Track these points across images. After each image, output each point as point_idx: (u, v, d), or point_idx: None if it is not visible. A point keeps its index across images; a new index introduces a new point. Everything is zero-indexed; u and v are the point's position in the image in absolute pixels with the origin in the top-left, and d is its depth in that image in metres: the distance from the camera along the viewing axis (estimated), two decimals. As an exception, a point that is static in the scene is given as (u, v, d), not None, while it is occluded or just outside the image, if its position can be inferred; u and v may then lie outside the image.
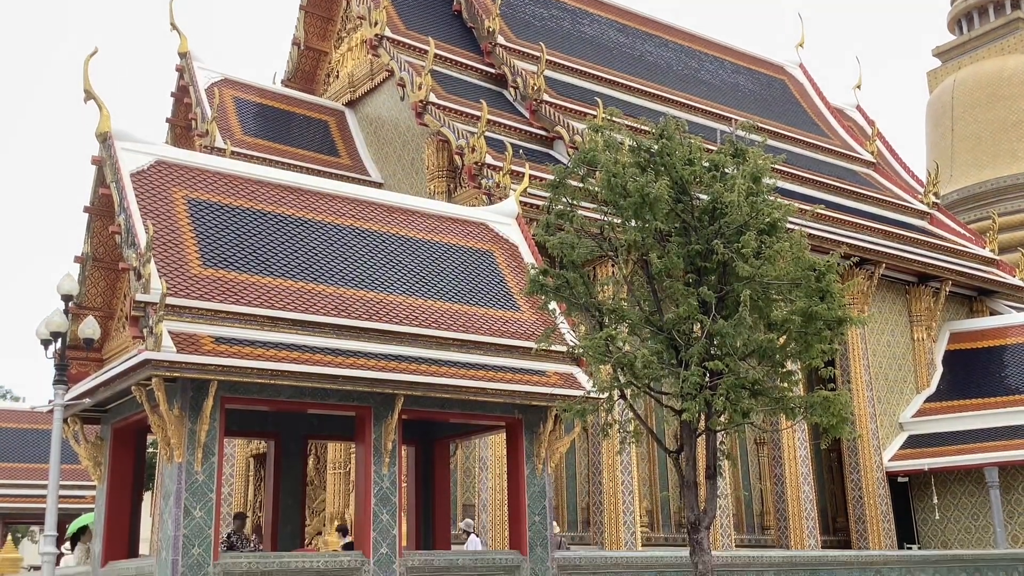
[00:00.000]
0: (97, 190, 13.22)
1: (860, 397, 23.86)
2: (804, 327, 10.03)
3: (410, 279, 14.14)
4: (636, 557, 14.87)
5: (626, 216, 10.64)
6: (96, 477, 13.34)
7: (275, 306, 12.21)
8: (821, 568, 16.65)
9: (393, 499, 12.40)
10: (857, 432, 10.91)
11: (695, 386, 9.73)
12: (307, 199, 14.32)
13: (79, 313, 12.44)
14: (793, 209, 10.87)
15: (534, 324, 14.65)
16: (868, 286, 24.69)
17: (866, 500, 23.45)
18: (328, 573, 11.84)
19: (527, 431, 13.72)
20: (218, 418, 11.44)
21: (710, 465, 10.68)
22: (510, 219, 16.61)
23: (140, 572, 11.73)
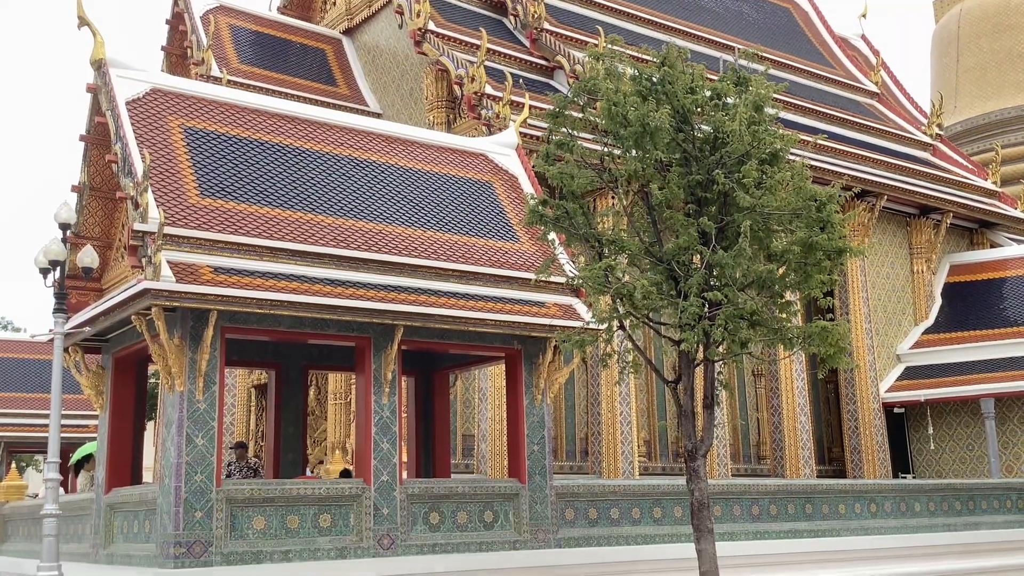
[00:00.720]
0: (93, 118, 13.10)
1: (858, 329, 23.95)
2: (804, 258, 10.02)
3: (409, 210, 14.09)
4: (633, 485, 15.06)
5: (627, 146, 10.55)
6: (98, 406, 13.45)
7: (274, 236, 12.19)
8: (816, 496, 16.87)
9: (393, 428, 12.52)
10: (854, 363, 10.96)
11: (694, 317, 9.75)
12: (305, 129, 14.20)
13: (77, 243, 12.41)
14: (795, 139, 10.78)
15: (533, 255, 14.63)
16: (869, 218, 24.62)
17: (862, 431, 23.68)
18: (330, 500, 12.00)
19: (526, 362, 13.79)
20: (218, 348, 11.49)
21: (708, 395, 10.76)
22: (510, 150, 16.50)
23: (144, 498, 11.89)
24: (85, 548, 13.27)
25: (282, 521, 11.64)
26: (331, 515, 11.96)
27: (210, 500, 11.17)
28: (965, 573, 18.17)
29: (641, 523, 14.61)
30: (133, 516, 12.17)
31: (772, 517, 16.17)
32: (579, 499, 14.10)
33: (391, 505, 12.31)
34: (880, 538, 17.27)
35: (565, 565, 13.49)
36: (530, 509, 13.40)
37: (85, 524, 13.54)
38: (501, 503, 13.28)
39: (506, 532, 13.21)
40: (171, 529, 10.92)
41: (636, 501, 14.70)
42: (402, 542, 12.33)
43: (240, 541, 11.33)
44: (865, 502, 17.51)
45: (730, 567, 13.09)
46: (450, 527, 12.79)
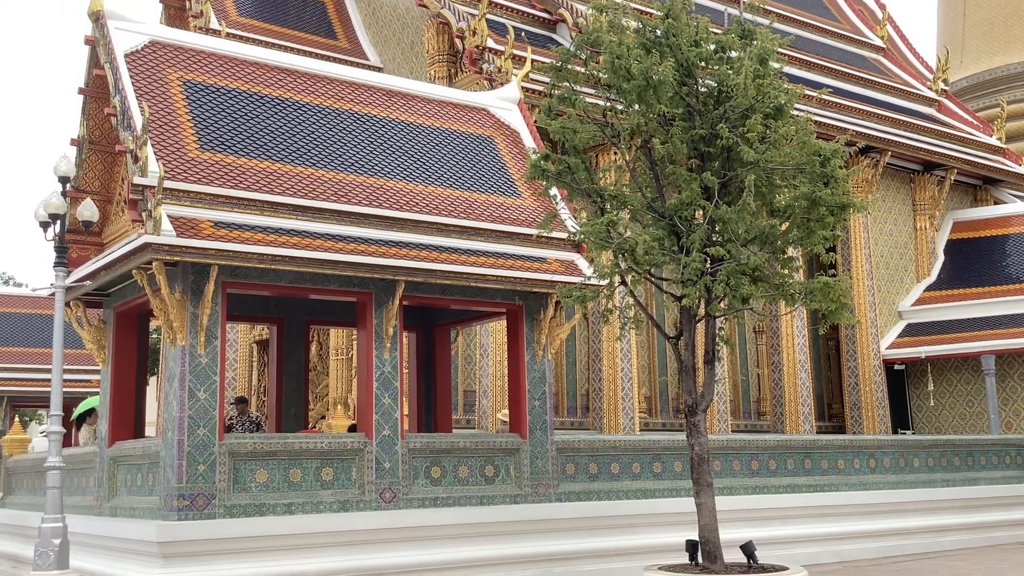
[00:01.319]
0: (91, 71, 12.98)
1: (860, 285, 23.94)
2: (807, 213, 9.96)
3: (410, 165, 14.01)
4: (634, 440, 15.14)
5: (630, 100, 10.45)
6: (100, 360, 13.48)
7: (274, 191, 12.13)
8: (815, 451, 16.96)
9: (395, 383, 12.55)
10: (856, 319, 10.95)
11: (696, 272, 9.73)
12: (305, 82, 14.08)
13: (77, 196, 12.36)
14: (800, 93, 10.67)
15: (535, 211, 14.58)
16: (873, 174, 24.50)
17: (862, 387, 23.76)
18: (332, 454, 12.07)
19: (528, 318, 13.80)
20: (219, 302, 11.49)
21: (708, 351, 10.76)
22: (512, 104, 16.37)
23: (147, 452, 11.96)
24: (89, 501, 13.38)
25: (284, 474, 11.72)
26: (333, 469, 12.04)
27: (213, 454, 11.24)
28: (963, 528, 18.34)
29: (641, 478, 14.71)
30: (136, 469, 12.24)
31: (771, 472, 16.27)
32: (580, 454, 14.19)
33: (393, 459, 12.39)
34: (879, 493, 17.39)
35: (565, 519, 13.60)
36: (531, 464, 13.48)
37: (89, 477, 13.63)
38: (502, 458, 13.36)
39: (507, 486, 13.30)
40: (174, 482, 10.99)
41: (636, 456, 14.79)
42: (404, 496, 12.42)
43: (243, 494, 11.41)
44: (864, 457, 17.61)
45: (729, 521, 13.20)
46: (451, 481, 12.88)
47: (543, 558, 13.27)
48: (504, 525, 13.06)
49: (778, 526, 15.69)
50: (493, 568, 12.83)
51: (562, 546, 13.48)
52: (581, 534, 13.73)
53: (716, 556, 9.94)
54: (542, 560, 13.25)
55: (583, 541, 13.70)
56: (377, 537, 12.08)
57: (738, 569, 9.94)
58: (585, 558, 13.64)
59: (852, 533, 16.69)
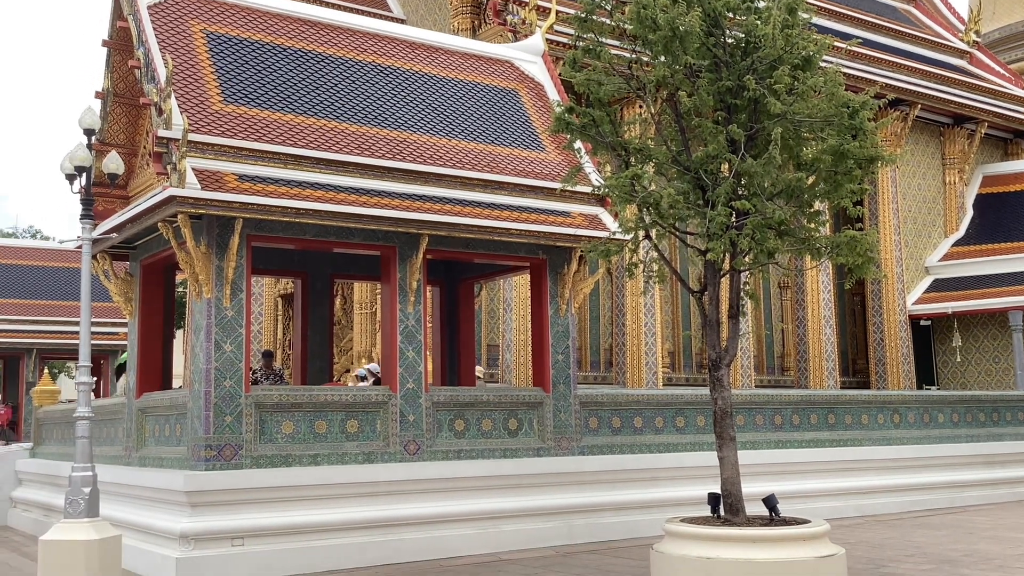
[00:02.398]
0: (115, 23, 12.96)
1: (887, 240, 23.73)
2: (834, 166, 9.81)
3: (434, 118, 13.94)
4: (657, 395, 15.17)
5: (655, 51, 10.28)
6: (127, 312, 13.61)
7: (298, 144, 12.12)
8: (839, 406, 16.94)
9: (418, 337, 12.60)
10: (882, 274, 10.82)
11: (721, 226, 9.63)
12: (328, 34, 14.00)
13: (102, 149, 12.39)
14: (828, 44, 10.48)
15: (559, 165, 14.49)
16: (902, 128, 24.16)
17: (887, 343, 23.64)
18: (356, 407, 12.17)
19: (551, 272, 13.78)
20: (244, 255, 11.54)
21: (733, 304, 10.69)
22: (536, 57, 16.22)
23: (174, 403, 12.10)
24: (118, 451, 13.58)
25: (310, 426, 11.84)
26: (358, 421, 12.15)
27: (239, 405, 11.36)
28: (987, 483, 18.31)
29: (664, 432, 14.76)
30: (164, 420, 12.40)
31: (794, 427, 16.28)
32: (603, 408, 14.24)
33: (417, 412, 12.48)
34: (902, 448, 17.38)
35: (588, 472, 13.69)
36: (554, 417, 13.54)
37: (117, 428, 13.83)
38: (525, 411, 13.43)
39: (530, 439, 13.38)
40: (202, 433, 11.13)
41: (659, 410, 14.82)
42: (428, 448, 12.53)
43: (269, 445, 11.55)
44: (888, 413, 17.58)
45: (752, 475, 13.24)
46: (475, 434, 12.97)
47: (565, 510, 13.38)
48: (527, 478, 13.17)
49: (801, 480, 15.74)
50: (516, 520, 12.96)
51: (584, 499, 13.58)
52: (603, 487, 13.83)
53: (738, 509, 9.95)
54: (564, 512, 13.37)
55: (605, 494, 13.80)
56: (401, 488, 12.22)
57: (760, 522, 9.96)
58: (607, 511, 13.75)
59: (875, 488, 16.71)
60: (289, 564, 11.21)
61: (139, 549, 11.37)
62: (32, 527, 16.12)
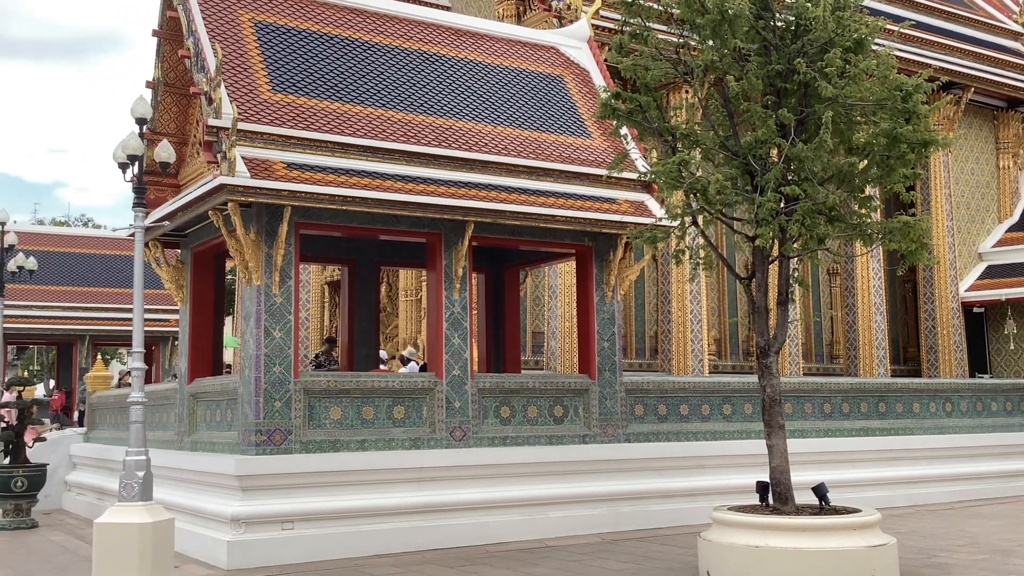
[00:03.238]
0: (165, 13, 13.11)
1: (939, 226, 23.31)
2: (887, 150, 9.65)
3: (479, 105, 13.94)
4: (704, 382, 15.07)
5: (703, 35, 10.19)
6: (179, 299, 13.80)
7: (345, 132, 12.18)
8: (889, 395, 16.72)
9: (464, 323, 12.63)
10: (935, 260, 10.64)
11: (770, 212, 9.53)
12: (374, 22, 14.04)
13: (154, 139, 12.56)
14: (880, 26, 10.30)
15: (605, 151, 14.43)
16: (955, 111, 23.70)
17: (939, 330, 23.26)
18: (403, 393, 12.25)
19: (597, 259, 13.74)
20: (293, 243, 11.64)
21: (782, 291, 10.58)
22: (581, 43, 16.14)
23: (225, 388, 12.26)
24: (170, 436, 13.80)
25: (358, 412, 11.93)
26: (404, 407, 12.22)
27: (288, 391, 11.48)
28: (1041, 473, 17.97)
29: (710, 419, 14.67)
30: (215, 405, 12.57)
31: (844, 415, 16.10)
32: (648, 395, 14.18)
33: (463, 399, 12.52)
34: (954, 437, 17.12)
35: (634, 459, 13.65)
36: (600, 404, 13.52)
37: (169, 413, 14.05)
38: (571, 398, 13.42)
39: (575, 426, 13.38)
40: (252, 418, 11.27)
41: (706, 398, 14.73)
42: (474, 434, 12.57)
43: (318, 430, 11.66)
44: (940, 401, 17.31)
45: (801, 463, 13.10)
46: (521, 421, 12.99)
47: (611, 497, 13.36)
48: (572, 465, 13.17)
49: (850, 469, 15.56)
50: (562, 506, 12.97)
51: (630, 486, 13.55)
52: (649, 474, 13.79)
53: (787, 498, 9.87)
54: (610, 499, 13.35)
55: (651, 481, 13.76)
56: (447, 474, 12.28)
57: (810, 511, 9.88)
58: (653, 498, 13.71)
59: (926, 477, 16.48)
60: (338, 548, 11.33)
61: (191, 532, 11.56)
62: (86, 510, 16.45)
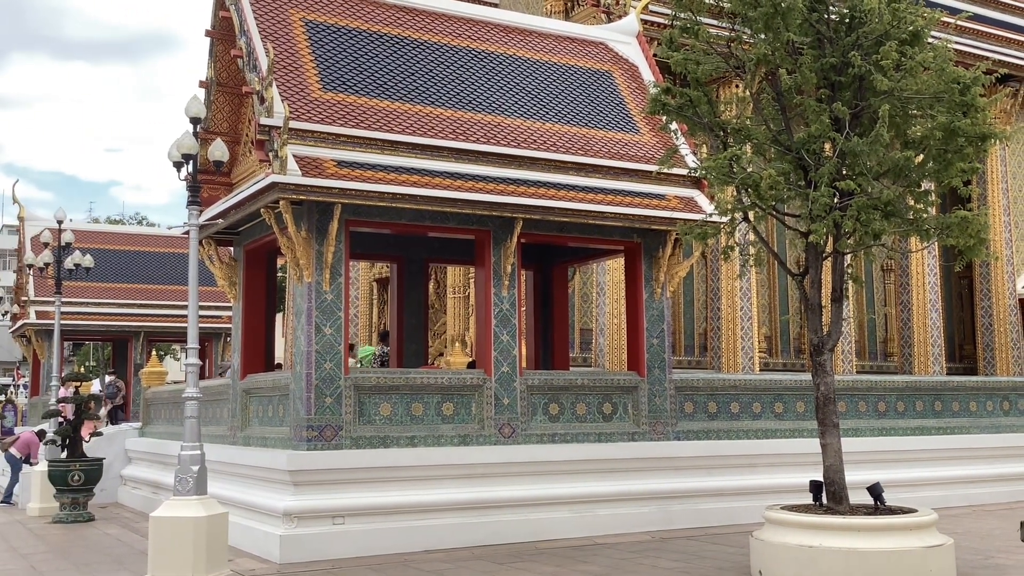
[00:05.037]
0: (217, 13, 13.25)
1: (996, 221, 22.84)
2: (944, 144, 9.47)
3: (528, 101, 13.92)
4: (755, 380, 14.91)
5: (756, 28, 10.07)
6: (231, 296, 13.96)
7: (394, 130, 12.23)
8: (945, 393, 16.42)
9: (513, 320, 12.63)
10: (993, 255, 10.41)
11: (824, 207, 9.39)
12: (423, 20, 14.08)
13: (207, 138, 12.70)
14: (937, 18, 10.10)
15: (654, 147, 14.33)
16: (1012, 104, 23.21)
17: (996, 327, 22.80)
18: (452, 389, 12.27)
19: (646, 255, 13.66)
20: (343, 240, 11.72)
21: (836, 288, 10.43)
22: (630, 37, 16.04)
23: (276, 384, 12.38)
24: (223, 431, 13.97)
25: (407, 408, 11.99)
26: (454, 404, 12.25)
27: (339, 387, 11.56)
28: (1103, 474, 17.53)
29: (762, 417, 14.51)
30: (267, 401, 12.71)
31: (899, 414, 15.85)
32: (698, 393, 14.07)
33: (511, 395, 12.52)
34: (1012, 436, 16.77)
35: (684, 457, 13.55)
36: (649, 402, 13.44)
37: (222, 408, 14.22)
38: (620, 395, 13.36)
39: (624, 424, 13.31)
40: (303, 413, 11.37)
41: (757, 395, 14.58)
42: (522, 431, 12.56)
43: (368, 426, 11.73)
44: (997, 400, 16.97)
45: (855, 463, 12.92)
46: (569, 418, 12.96)
47: (661, 495, 13.28)
48: (621, 462, 13.11)
49: (906, 468, 15.31)
50: (611, 504, 12.92)
51: (680, 484, 13.46)
52: (700, 472, 13.68)
53: (842, 497, 9.73)
54: (660, 497, 13.27)
55: (702, 480, 13.65)
56: (496, 471, 12.28)
57: (864, 511, 9.72)
58: (704, 496, 13.60)
59: (983, 476, 16.16)
60: (388, 543, 11.39)
61: (244, 526, 11.69)
62: (141, 504, 16.72)
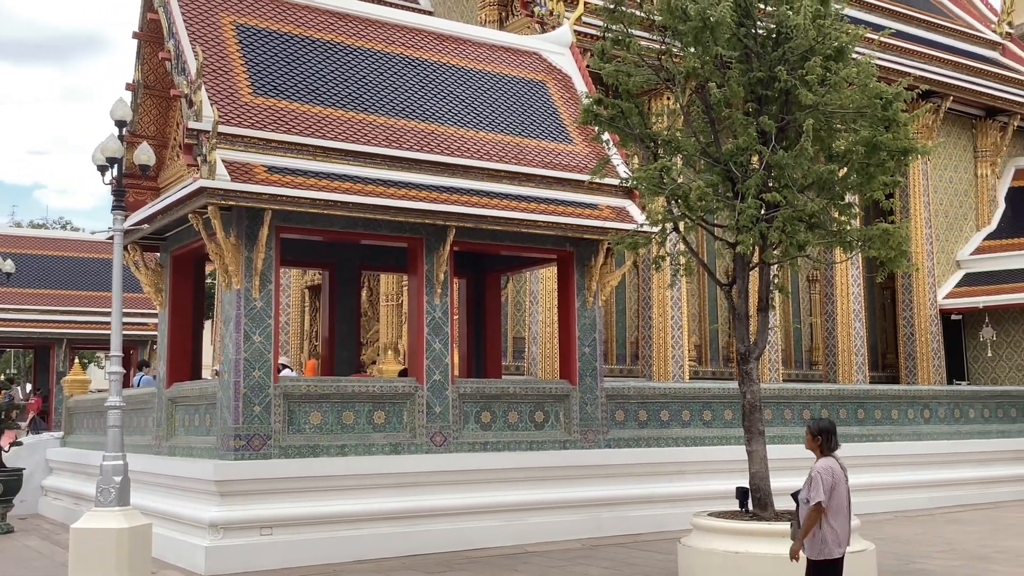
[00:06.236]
0: (146, 15, 13.03)
1: (918, 234, 23.46)
2: (867, 158, 9.71)
3: (461, 110, 13.93)
4: (684, 388, 15.10)
5: (685, 42, 10.22)
6: (158, 303, 13.71)
7: (327, 136, 12.14)
8: (868, 401, 16.80)
9: (445, 329, 12.61)
10: (914, 267, 10.72)
11: (751, 218, 9.56)
12: (357, 26, 14.01)
13: (134, 141, 12.47)
14: (861, 35, 10.36)
15: (587, 157, 14.44)
16: (934, 120, 23.88)
17: (917, 337, 23.41)
18: (383, 397, 12.20)
19: (578, 264, 13.75)
20: (273, 246, 11.59)
21: (762, 297, 10.62)
22: (564, 48, 16.16)
23: (204, 393, 12.18)
24: (148, 440, 13.69)
25: (338, 417, 11.88)
26: (385, 412, 12.18)
27: (268, 395, 11.42)
28: (1018, 479, 18.10)
29: (691, 425, 14.69)
30: (194, 410, 12.49)
31: (823, 421, 16.14)
32: (629, 401, 14.19)
33: (443, 404, 12.49)
34: (933, 443, 17.22)
35: (614, 465, 13.65)
36: (580, 410, 13.52)
37: (147, 417, 13.94)
38: (552, 404, 13.42)
39: (556, 432, 13.37)
40: (231, 423, 11.20)
41: (686, 403, 14.76)
42: (454, 439, 12.54)
43: (298, 435, 11.60)
44: (918, 408, 17.41)
45: (780, 469, 13.13)
46: (501, 426, 12.97)
47: (592, 503, 13.36)
48: (553, 470, 13.15)
49: (829, 475, 15.59)
50: (542, 512, 12.95)
51: (611, 492, 13.55)
52: (630, 480, 13.79)
53: (767, 504, 9.90)
54: (591, 505, 13.34)
55: (632, 487, 13.76)
56: (427, 480, 12.24)
57: (789, 516, 9.89)
58: (634, 504, 13.71)
59: (905, 483, 16.57)
60: (317, 553, 11.27)
61: (169, 538, 11.46)
62: (62, 515, 16.29)
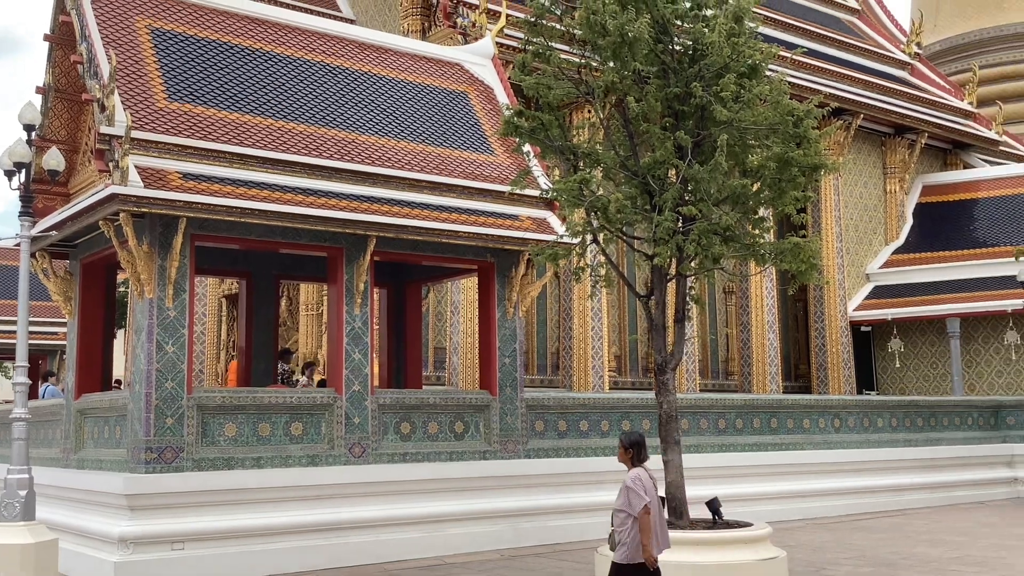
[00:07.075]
0: (57, 17, 12.70)
1: (829, 248, 24.11)
2: (779, 173, 9.97)
3: (382, 119, 13.88)
4: (603, 398, 15.24)
5: (604, 57, 10.37)
6: (67, 312, 13.34)
7: (244, 143, 11.98)
8: (781, 411, 17.17)
9: (365, 339, 12.53)
10: (825, 280, 11.02)
11: (668, 231, 9.73)
12: (276, 33, 13.86)
13: (43, 146, 12.14)
14: (774, 53, 10.63)
15: (508, 168, 14.51)
16: (844, 137, 24.60)
17: (829, 348, 24.04)
18: (301, 409, 12.06)
19: (499, 275, 13.79)
20: (188, 255, 11.38)
21: (679, 309, 10.80)
22: (486, 60, 16.23)
23: (114, 404, 11.88)
24: (55, 453, 13.30)
25: (253, 428, 11.70)
26: (302, 423, 12.03)
27: (181, 407, 11.19)
28: (925, 487, 18.68)
29: (610, 435, 14.82)
30: (104, 422, 12.17)
31: (738, 431, 16.47)
32: (549, 411, 14.27)
33: (362, 414, 12.40)
34: (843, 452, 17.66)
35: (534, 475, 13.71)
36: (500, 420, 13.55)
37: (55, 429, 13.54)
38: (472, 414, 13.41)
39: (476, 442, 13.37)
40: (142, 435, 10.94)
41: (605, 414, 14.89)
42: (373, 450, 12.45)
43: (211, 447, 11.39)
44: (829, 417, 17.85)
45: (696, 478, 13.34)
46: (421, 437, 12.92)
47: (512, 513, 13.38)
48: (473, 481, 13.15)
49: (744, 483, 15.92)
50: (462, 523, 12.93)
51: (531, 502, 13.60)
52: (550, 490, 13.86)
53: (682, 512, 10.06)
54: (511, 515, 13.37)
55: (552, 497, 13.83)
56: (346, 491, 12.13)
57: (703, 525, 10.07)
58: (553, 513, 13.78)
59: (816, 491, 16.96)
60: (231, 568, 11.06)
61: (76, 553, 11.14)
62: (-35, 531, 15.69)
